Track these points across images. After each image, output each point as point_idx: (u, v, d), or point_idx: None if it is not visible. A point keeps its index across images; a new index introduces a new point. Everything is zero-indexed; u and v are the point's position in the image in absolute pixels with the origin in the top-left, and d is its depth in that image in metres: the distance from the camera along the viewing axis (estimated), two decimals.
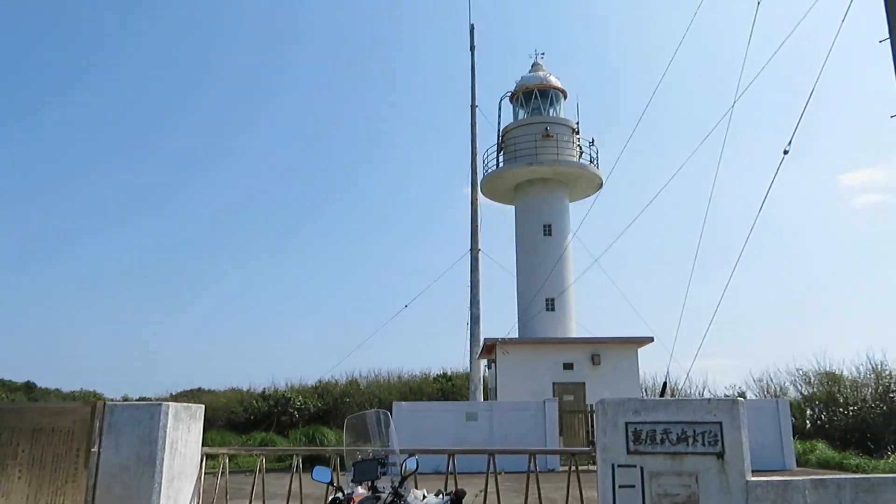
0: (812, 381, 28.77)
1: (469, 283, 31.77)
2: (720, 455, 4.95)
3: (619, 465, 5.03)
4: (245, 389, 39.13)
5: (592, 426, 19.67)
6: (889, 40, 9.33)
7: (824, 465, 19.46)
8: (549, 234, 26.44)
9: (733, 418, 5.00)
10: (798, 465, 19.53)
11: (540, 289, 25.34)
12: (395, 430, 4.91)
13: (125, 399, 35.48)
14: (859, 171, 60.79)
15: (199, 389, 43.56)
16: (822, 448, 21.00)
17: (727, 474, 4.92)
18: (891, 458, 16.91)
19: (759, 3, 10.41)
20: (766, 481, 4.93)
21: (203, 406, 6.61)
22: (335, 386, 37.16)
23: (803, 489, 4.96)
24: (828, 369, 28.55)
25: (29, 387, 42.93)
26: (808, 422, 27.53)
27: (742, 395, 30.11)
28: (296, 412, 33.23)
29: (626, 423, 5.08)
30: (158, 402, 5.80)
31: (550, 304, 26.13)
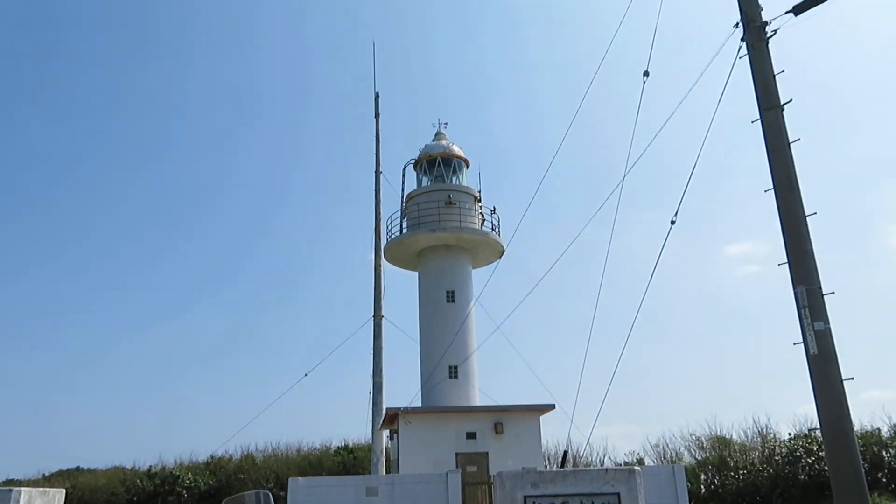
0: (704, 445, 29.65)
1: (372, 351, 31.18)
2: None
3: None
4: (129, 467, 36.43)
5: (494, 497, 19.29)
6: (760, 121, 10.03)
7: None
8: (453, 301, 26.45)
9: (630, 488, 4.90)
10: None
11: (443, 356, 25.12)
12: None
13: None
14: (740, 244, 64.98)
15: (78, 469, 40.19)
16: None
17: None
18: None
19: (644, 81, 11.01)
20: None
21: (64, 490, 5.92)
22: (229, 461, 35.17)
23: None
24: (718, 434, 29.54)
25: None
26: (702, 486, 28.19)
27: (640, 461, 30.60)
28: (184, 491, 31.11)
29: (525, 497, 4.88)
30: (9, 489, 5.13)
31: (453, 372, 25.92)
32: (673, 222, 10.60)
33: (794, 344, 9.08)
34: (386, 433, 26.67)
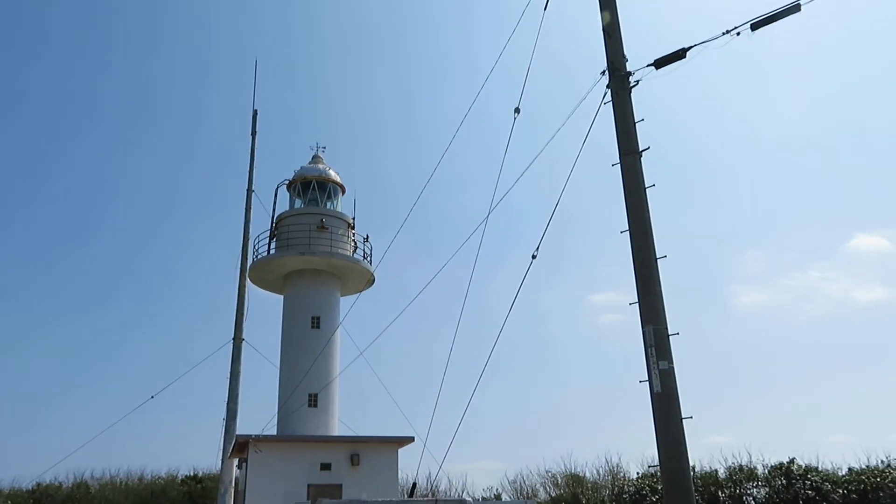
0: (559, 482, 30.27)
1: (228, 375, 29.71)
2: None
3: None
4: None
5: None
6: (619, 164, 10.37)
7: None
8: (318, 327, 25.69)
9: None
10: None
11: (302, 383, 24.21)
12: None
13: None
14: (603, 293, 67.98)
15: None
16: None
17: None
18: None
19: (515, 118, 11.17)
20: None
21: None
22: (58, 489, 32.09)
23: None
24: (573, 471, 30.28)
25: None
26: None
27: (497, 496, 30.77)
28: None
29: None
30: None
31: (313, 400, 25.05)
32: (534, 256, 10.69)
33: (640, 382, 9.28)
34: (236, 462, 25.27)
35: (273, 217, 27.08)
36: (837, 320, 59.02)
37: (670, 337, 9.23)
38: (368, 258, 27.07)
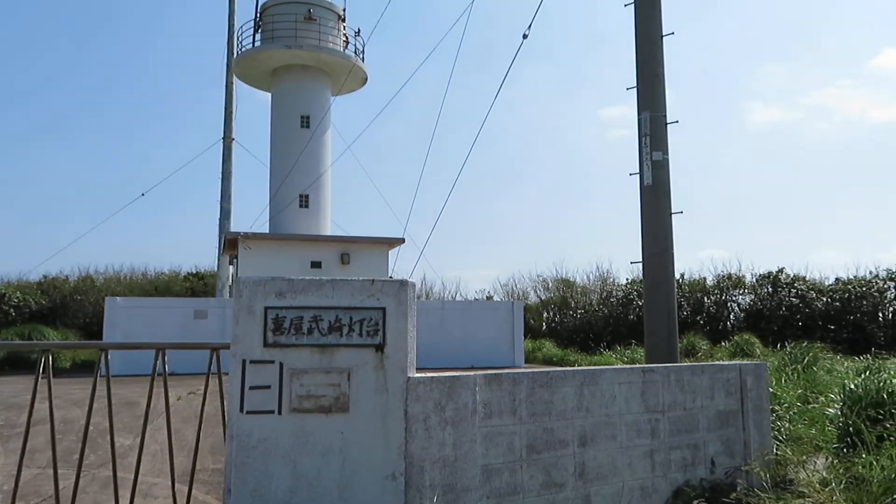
0: (550, 286, 30.80)
1: (220, 175, 29.17)
2: (380, 347, 4.02)
3: (251, 362, 3.90)
4: None
5: None
6: (632, 4, 8.85)
7: (548, 361, 20.76)
8: (307, 126, 24.63)
9: (400, 303, 4.06)
10: (526, 361, 20.63)
11: (292, 183, 23.69)
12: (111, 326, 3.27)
13: None
14: (615, 107, 65.65)
15: None
16: (549, 346, 22.42)
17: (386, 370, 4.02)
18: (603, 355, 18.33)
19: None
20: (431, 378, 4.11)
21: None
22: (65, 282, 32.81)
23: (474, 386, 4.22)
24: (563, 276, 30.72)
25: None
26: (544, 323, 29.56)
27: (489, 298, 31.52)
28: (12, 310, 28.87)
29: (266, 309, 3.94)
30: None
31: (304, 201, 24.65)
32: (525, 36, 9.50)
33: (630, 174, 8.56)
34: (227, 259, 25.48)
35: (257, 6, 25.02)
36: (850, 141, 57.48)
37: (669, 125, 8.36)
38: (361, 55, 25.41)
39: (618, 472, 4.76)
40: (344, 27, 25.49)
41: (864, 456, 5.09)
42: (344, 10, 25.66)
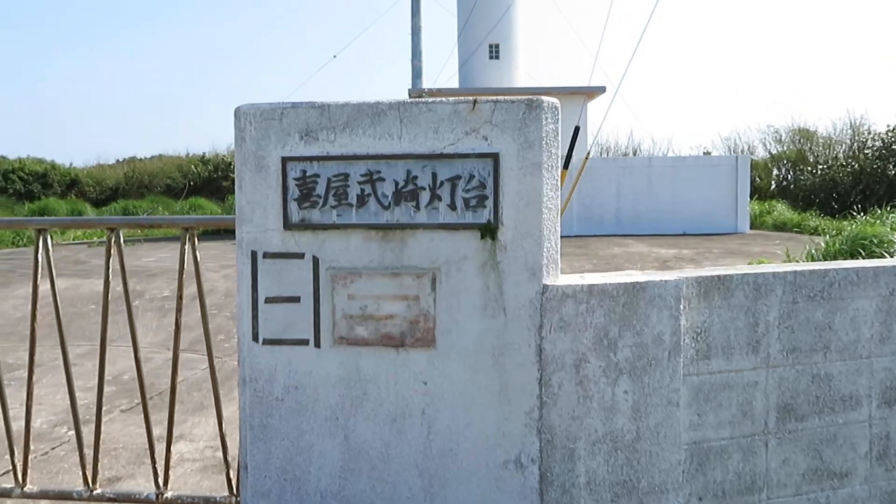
0: (783, 138, 26.20)
1: (410, 31, 27.66)
2: (489, 229, 2.13)
3: (266, 255, 2.22)
4: (184, 156, 36.39)
5: None
6: None
7: (780, 227, 17.46)
8: None
9: (527, 145, 2.10)
10: (752, 227, 17.53)
11: (479, 32, 21.49)
12: None
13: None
14: None
15: (133, 158, 40.65)
16: (780, 209, 18.91)
17: (501, 272, 2.14)
18: (856, 220, 13.92)
19: None
20: (590, 287, 2.16)
21: None
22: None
23: (675, 299, 2.20)
24: (801, 126, 25.87)
25: None
26: (772, 182, 25.47)
27: (707, 153, 27.71)
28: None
29: (285, 161, 2.18)
30: None
31: (494, 51, 22.45)
32: None
33: None
34: None
35: None
36: None
37: None
38: None
39: None
40: None
41: None
42: None
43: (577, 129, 8.76)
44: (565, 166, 9.21)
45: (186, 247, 2.51)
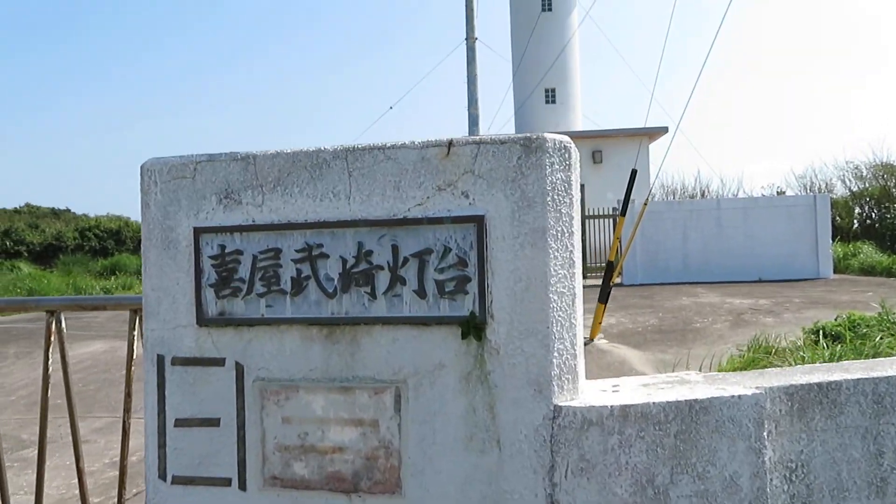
0: (864, 175, 24.58)
1: (466, 79, 27.58)
2: (472, 326, 1.47)
3: (176, 361, 1.62)
4: None
5: (584, 236, 16.43)
6: None
7: (868, 271, 16.04)
8: (549, 10, 21.65)
9: (523, 203, 1.45)
10: (836, 271, 16.16)
11: (534, 76, 21.09)
12: None
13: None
14: None
15: None
16: (867, 251, 17.45)
17: (491, 388, 1.47)
18: None
19: None
20: (621, 408, 1.46)
21: None
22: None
23: (754, 426, 1.48)
24: (885, 161, 24.22)
25: None
26: (855, 221, 23.82)
27: (780, 192, 26.26)
28: None
29: (198, 233, 1.60)
30: None
31: (551, 96, 21.98)
32: None
33: None
34: None
35: None
36: None
37: None
38: None
39: None
40: None
41: None
42: None
43: (633, 173, 8.04)
44: (622, 213, 8.47)
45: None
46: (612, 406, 1.45)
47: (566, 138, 1.49)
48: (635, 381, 1.64)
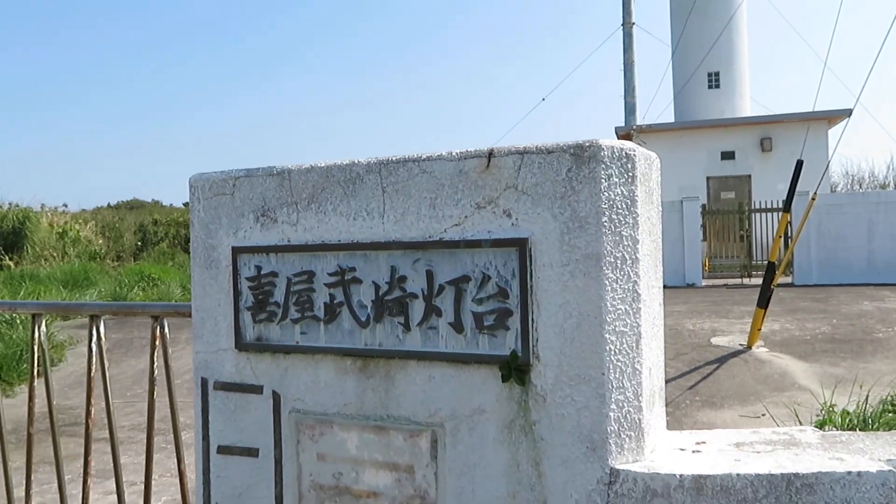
0: None
1: (622, 67, 26.68)
2: (513, 367, 1.25)
3: (217, 386, 1.55)
4: None
5: (751, 230, 15.19)
6: None
7: None
8: None
9: (574, 224, 1.21)
10: None
11: (696, 60, 19.80)
12: None
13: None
14: None
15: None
16: None
17: (537, 441, 1.25)
18: None
19: None
20: (699, 479, 1.18)
21: None
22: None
23: None
24: None
25: None
26: None
27: None
28: None
29: (236, 252, 1.51)
30: None
31: (714, 80, 20.61)
32: None
33: None
34: None
35: None
36: None
37: None
38: None
39: None
40: None
41: None
42: None
43: (799, 164, 7.21)
44: (786, 208, 7.64)
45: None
46: (681, 476, 1.17)
47: (629, 144, 1.23)
48: (728, 438, 1.34)
